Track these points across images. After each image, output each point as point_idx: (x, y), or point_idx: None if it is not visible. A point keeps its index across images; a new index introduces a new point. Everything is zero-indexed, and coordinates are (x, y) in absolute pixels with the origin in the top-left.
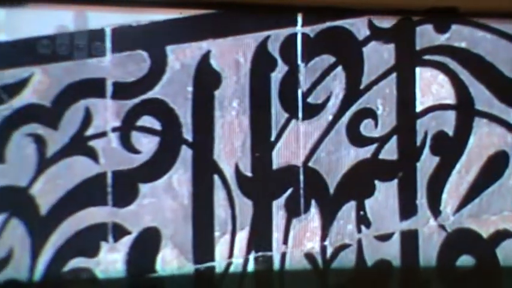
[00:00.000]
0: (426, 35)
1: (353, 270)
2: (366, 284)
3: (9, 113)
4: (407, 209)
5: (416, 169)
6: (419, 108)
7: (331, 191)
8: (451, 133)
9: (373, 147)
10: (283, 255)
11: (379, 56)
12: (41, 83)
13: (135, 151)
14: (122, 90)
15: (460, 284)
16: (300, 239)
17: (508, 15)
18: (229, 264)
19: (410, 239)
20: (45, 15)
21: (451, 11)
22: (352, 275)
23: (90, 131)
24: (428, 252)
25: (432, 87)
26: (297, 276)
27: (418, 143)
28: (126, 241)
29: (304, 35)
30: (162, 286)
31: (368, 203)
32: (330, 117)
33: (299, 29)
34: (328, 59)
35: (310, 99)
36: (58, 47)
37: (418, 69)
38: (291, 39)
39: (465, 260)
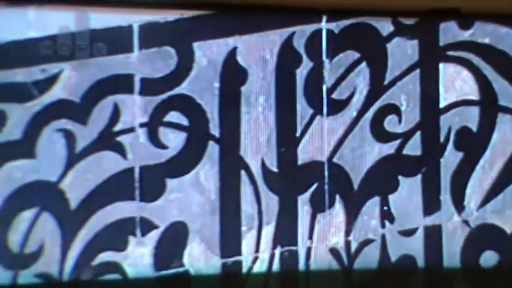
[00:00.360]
0: (450, 31)
1: (377, 266)
2: (389, 279)
3: (39, 109)
4: (431, 204)
5: (440, 165)
6: (442, 104)
7: (355, 186)
8: (474, 129)
9: (397, 142)
10: (308, 250)
11: (402, 52)
12: (70, 79)
13: (163, 146)
14: (149, 86)
15: (483, 280)
16: (325, 234)
17: (509, 16)
18: (255, 259)
19: (434, 235)
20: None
21: (453, 12)
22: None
23: (118, 127)
24: (452, 248)
25: (456, 83)
26: (321, 271)
27: (442, 138)
28: (154, 235)
29: (328, 31)
30: (189, 280)
31: (392, 198)
32: (354, 113)
33: (324, 25)
34: (352, 55)
35: (334, 95)
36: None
37: (441, 65)
38: (316, 35)
39: (489, 256)
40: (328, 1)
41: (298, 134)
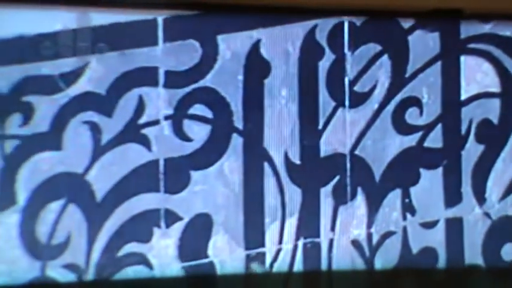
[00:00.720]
0: (471, 24)
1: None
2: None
3: (66, 101)
4: (452, 196)
5: (461, 157)
6: (464, 96)
7: (377, 178)
8: (495, 121)
9: (418, 135)
10: (331, 242)
11: (424, 45)
12: (96, 72)
13: (187, 139)
14: (174, 79)
15: (504, 272)
16: (347, 226)
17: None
18: (278, 250)
19: (455, 227)
20: None
21: (455, 12)
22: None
23: (143, 119)
24: (473, 240)
25: (477, 75)
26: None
27: (463, 131)
28: (178, 227)
29: (350, 23)
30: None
31: (413, 190)
32: (376, 106)
33: (346, 17)
34: (374, 48)
35: (356, 88)
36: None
37: (462, 58)
38: (338, 28)
39: (510, 248)
40: (332, 1)
41: (320, 127)
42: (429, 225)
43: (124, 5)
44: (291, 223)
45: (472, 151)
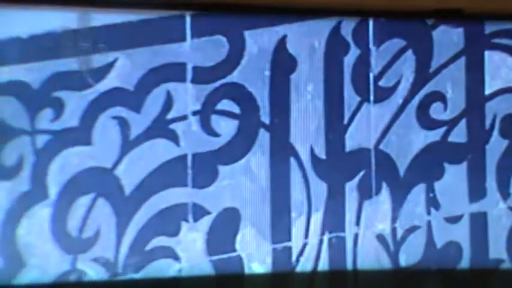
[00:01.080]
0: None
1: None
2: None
3: (95, 97)
4: (477, 191)
5: (485, 152)
6: (488, 91)
7: (401, 173)
8: None
9: (443, 130)
10: (356, 237)
11: (448, 40)
12: (124, 67)
13: (215, 134)
14: (201, 75)
15: None
16: (372, 221)
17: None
18: (304, 245)
19: (479, 221)
20: None
21: (455, 12)
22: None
23: (171, 115)
24: (497, 234)
25: (501, 70)
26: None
27: (487, 125)
28: (206, 221)
29: (375, 19)
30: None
31: (437, 185)
32: (400, 101)
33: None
34: (398, 43)
35: (381, 83)
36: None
37: (486, 53)
38: (363, 23)
39: None
40: (332, 1)
41: (345, 122)
42: (453, 219)
43: (151, 5)
44: (317, 218)
45: (496, 146)
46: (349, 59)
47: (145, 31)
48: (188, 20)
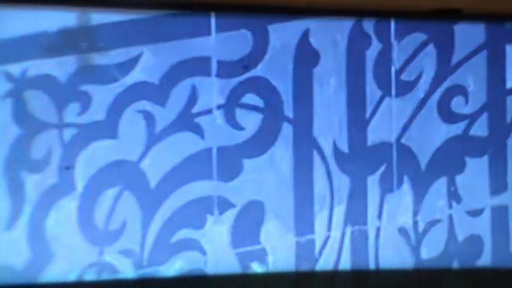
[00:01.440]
0: None
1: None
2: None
3: (121, 91)
4: (498, 185)
5: (507, 145)
6: (509, 85)
7: (423, 167)
8: None
9: (464, 123)
10: (378, 230)
11: (469, 34)
12: (149, 61)
13: (239, 128)
14: (226, 69)
15: None
16: (393, 214)
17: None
18: (327, 238)
19: (500, 215)
20: None
21: (454, 12)
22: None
23: (196, 108)
24: None
25: None
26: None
27: (509, 119)
28: (231, 214)
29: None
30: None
31: (459, 178)
32: (422, 95)
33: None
34: (420, 37)
35: (403, 77)
36: None
37: (508, 47)
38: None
39: None
40: (328, 1)
41: (367, 115)
42: (475, 213)
43: (176, 5)
44: (339, 211)
45: None
46: (371, 53)
47: (170, 25)
48: (213, 14)
